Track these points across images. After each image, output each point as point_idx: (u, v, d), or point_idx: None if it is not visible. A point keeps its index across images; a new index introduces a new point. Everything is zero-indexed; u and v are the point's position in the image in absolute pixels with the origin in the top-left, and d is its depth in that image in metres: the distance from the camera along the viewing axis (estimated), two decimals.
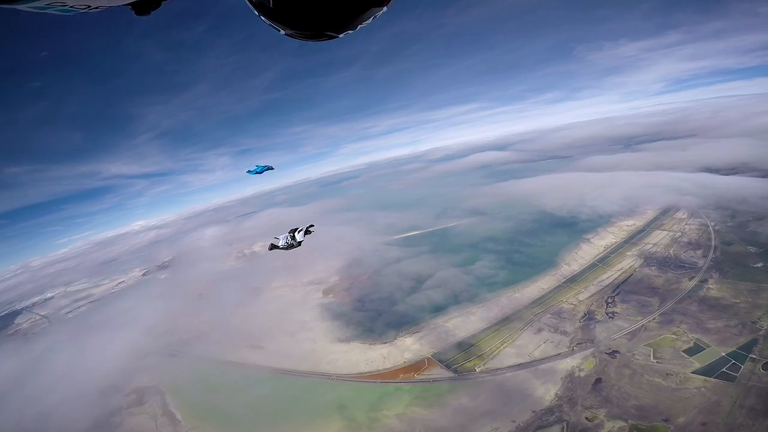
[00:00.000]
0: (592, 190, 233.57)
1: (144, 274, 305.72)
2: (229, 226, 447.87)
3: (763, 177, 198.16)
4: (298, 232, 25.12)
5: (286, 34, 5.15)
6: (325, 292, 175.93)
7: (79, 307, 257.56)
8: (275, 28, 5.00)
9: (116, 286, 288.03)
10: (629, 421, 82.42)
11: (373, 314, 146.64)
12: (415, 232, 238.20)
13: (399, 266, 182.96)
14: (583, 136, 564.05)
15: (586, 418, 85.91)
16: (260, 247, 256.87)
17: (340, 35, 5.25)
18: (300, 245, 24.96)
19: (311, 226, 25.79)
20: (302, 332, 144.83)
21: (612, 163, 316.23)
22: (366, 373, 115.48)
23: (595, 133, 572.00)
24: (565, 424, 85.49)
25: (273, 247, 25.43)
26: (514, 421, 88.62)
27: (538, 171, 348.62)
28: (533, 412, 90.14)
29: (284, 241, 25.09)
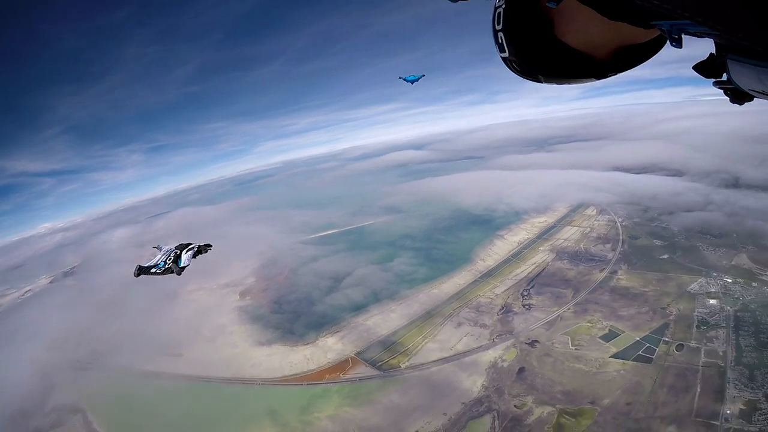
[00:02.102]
0: (507, 188, 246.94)
1: (51, 282, 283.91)
2: (139, 227, 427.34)
3: (672, 176, 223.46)
4: (187, 250, 19.90)
5: (502, 56, 5.15)
6: (242, 294, 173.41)
7: None
8: (501, 45, 4.96)
9: (23, 295, 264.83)
10: (557, 406, 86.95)
11: (292, 315, 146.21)
12: (331, 231, 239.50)
13: (316, 265, 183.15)
14: (500, 137, 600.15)
15: (515, 405, 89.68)
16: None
17: (544, 83, 5.27)
18: (181, 272, 19.25)
19: (208, 245, 20.93)
20: (222, 337, 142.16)
21: (527, 162, 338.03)
22: (291, 376, 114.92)
23: (511, 135, 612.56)
24: (495, 413, 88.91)
25: (141, 271, 19.26)
26: (445, 414, 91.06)
27: (455, 170, 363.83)
28: (463, 403, 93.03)
29: (161, 262, 19.35)
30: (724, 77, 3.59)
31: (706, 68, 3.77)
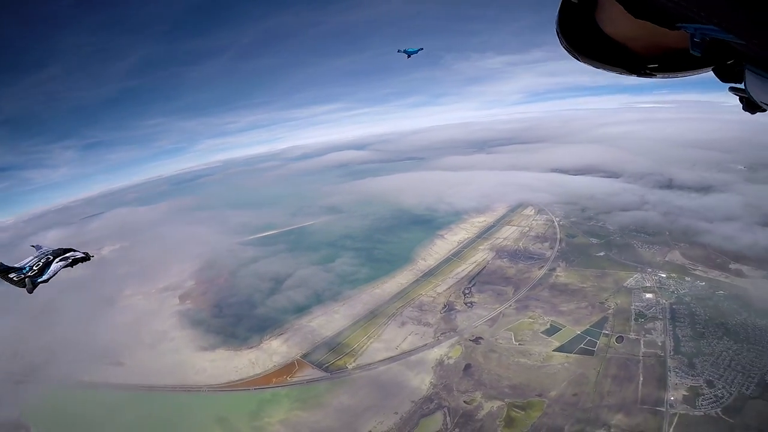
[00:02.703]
0: (448, 188, 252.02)
1: None
2: (73, 228, 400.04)
3: (608, 177, 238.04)
4: (60, 259, 16.37)
5: (571, 54, 5.03)
6: (182, 298, 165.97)
7: None
8: (569, 48, 4.89)
9: None
10: (506, 400, 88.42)
11: (234, 319, 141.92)
12: (271, 232, 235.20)
13: (256, 267, 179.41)
14: (441, 139, 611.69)
15: (465, 401, 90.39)
16: (108, 251, 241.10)
17: (581, 62, 5.07)
18: (34, 289, 14.92)
19: (88, 255, 17.64)
20: (163, 343, 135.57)
21: (468, 163, 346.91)
22: (237, 381, 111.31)
23: (453, 137, 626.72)
24: (446, 410, 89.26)
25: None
26: (396, 413, 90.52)
27: (396, 170, 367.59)
28: (413, 402, 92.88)
29: (28, 266, 15.58)
30: (742, 85, 3.64)
31: (724, 72, 3.86)
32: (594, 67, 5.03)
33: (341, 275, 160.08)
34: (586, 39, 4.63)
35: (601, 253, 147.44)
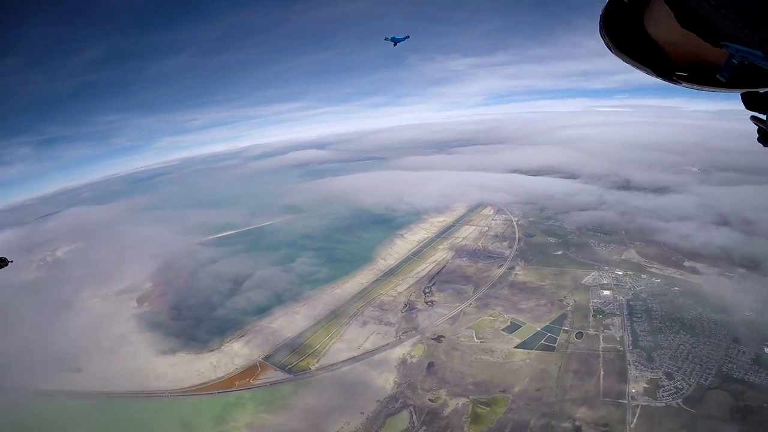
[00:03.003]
0: (408, 188, 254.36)
1: None
2: (28, 228, 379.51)
3: (567, 178, 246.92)
4: None
5: (607, 45, 4.95)
6: (140, 301, 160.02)
7: None
8: (609, 42, 4.84)
9: None
10: (470, 397, 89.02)
11: (193, 321, 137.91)
12: (230, 232, 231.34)
13: (215, 267, 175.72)
14: (402, 139, 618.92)
15: (430, 399, 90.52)
16: (64, 252, 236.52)
17: (614, 54, 5.02)
18: None
19: (5, 260, 18.15)
20: (122, 348, 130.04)
21: (428, 163, 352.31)
22: (200, 385, 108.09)
23: (413, 137, 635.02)
24: (412, 408, 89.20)
25: None
26: (362, 413, 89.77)
27: (356, 170, 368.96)
28: (378, 401, 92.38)
29: None
30: (764, 116, 3.76)
31: (752, 100, 3.92)
32: (623, 61, 4.96)
33: (301, 275, 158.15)
34: (626, 33, 4.60)
35: (559, 252, 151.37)
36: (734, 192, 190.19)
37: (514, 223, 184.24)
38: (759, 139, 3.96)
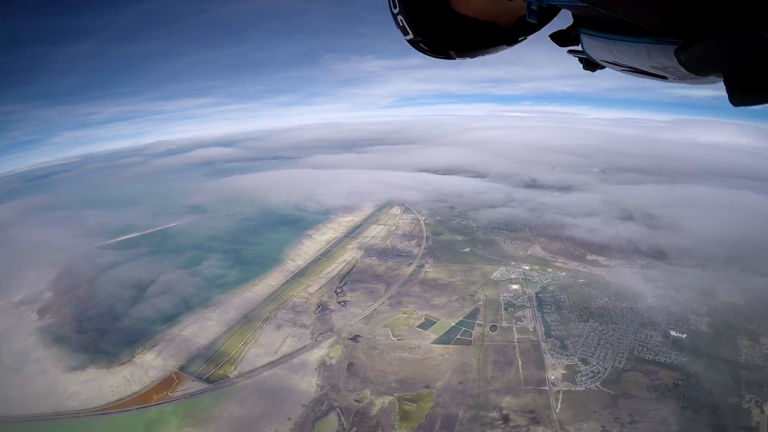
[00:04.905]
0: (316, 187, 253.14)
1: None
2: None
3: (475, 177, 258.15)
4: None
5: (408, 39, 5.37)
6: (41, 313, 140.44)
7: None
8: (404, 27, 5.19)
9: None
10: (395, 395, 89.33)
11: (98, 333, 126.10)
12: (132, 234, 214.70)
13: (117, 273, 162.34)
14: (311, 138, 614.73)
15: (355, 400, 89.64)
16: None
17: (457, 59, 5.46)
18: None
19: None
20: (28, 365, 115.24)
21: (336, 162, 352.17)
22: (116, 401, 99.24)
23: (322, 136, 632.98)
24: (339, 410, 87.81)
25: None
26: (290, 419, 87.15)
27: (264, 168, 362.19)
28: (303, 405, 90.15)
29: None
30: (579, 47, 4.20)
31: (561, 38, 4.37)
32: (473, 57, 5.31)
33: (209, 279, 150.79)
34: (452, 32, 4.81)
35: (467, 249, 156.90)
36: (635, 190, 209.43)
37: (422, 221, 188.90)
38: (584, 67, 4.40)
